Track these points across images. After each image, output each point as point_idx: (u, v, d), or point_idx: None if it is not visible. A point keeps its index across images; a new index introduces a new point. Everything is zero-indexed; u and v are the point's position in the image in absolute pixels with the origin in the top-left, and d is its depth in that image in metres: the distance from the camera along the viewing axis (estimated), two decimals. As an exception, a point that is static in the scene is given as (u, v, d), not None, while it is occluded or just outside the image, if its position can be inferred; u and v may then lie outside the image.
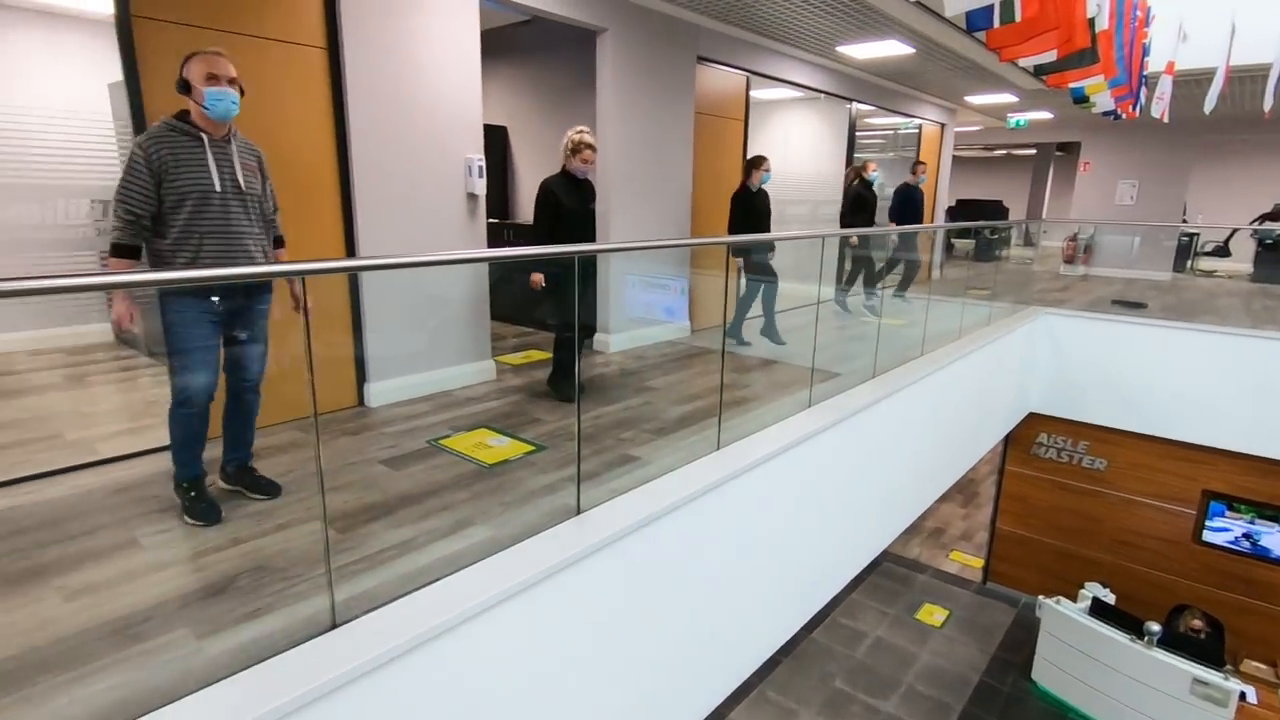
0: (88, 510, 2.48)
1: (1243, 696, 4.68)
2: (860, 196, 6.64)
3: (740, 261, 5.04)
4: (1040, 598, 5.41)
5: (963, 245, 10.92)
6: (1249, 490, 6.74)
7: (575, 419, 3.55)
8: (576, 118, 5.75)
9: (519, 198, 6.79)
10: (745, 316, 5.32)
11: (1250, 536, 6.84)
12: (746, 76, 6.21)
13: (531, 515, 2.50)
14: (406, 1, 3.58)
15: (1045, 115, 10.84)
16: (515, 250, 2.59)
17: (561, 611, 2.18)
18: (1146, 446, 7.07)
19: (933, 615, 6.33)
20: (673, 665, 2.76)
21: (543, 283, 3.71)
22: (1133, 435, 7.01)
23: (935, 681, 5.41)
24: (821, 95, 7.45)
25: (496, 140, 6.60)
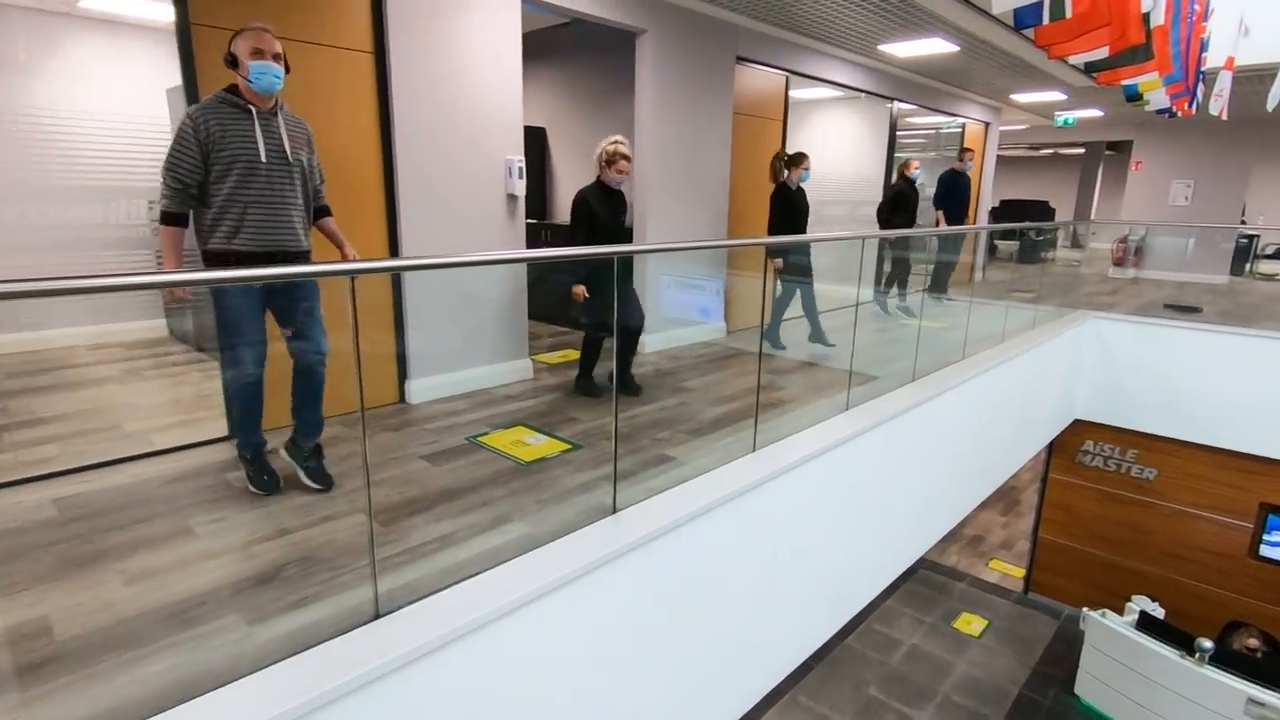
0: (145, 499, 2.59)
1: (1301, 719, 4.48)
2: (901, 193, 6.54)
3: (779, 262, 5.01)
4: (1084, 610, 5.26)
5: (1006, 247, 10.66)
6: (1310, 504, 6.46)
7: (610, 418, 3.58)
8: (614, 119, 5.79)
9: (557, 198, 6.85)
10: (781, 318, 5.28)
11: (1311, 552, 6.55)
12: (786, 76, 6.17)
13: (568, 513, 2.53)
14: (451, 6, 3.65)
15: (1095, 113, 10.52)
16: (554, 251, 2.62)
17: (597, 609, 2.20)
18: (1200, 456, 6.82)
19: (971, 624, 6.20)
20: (705, 667, 2.76)
21: (585, 294, 3.74)
22: (1185, 444, 6.76)
23: (972, 692, 5.30)
24: (862, 94, 7.36)
25: (535, 142, 6.67)
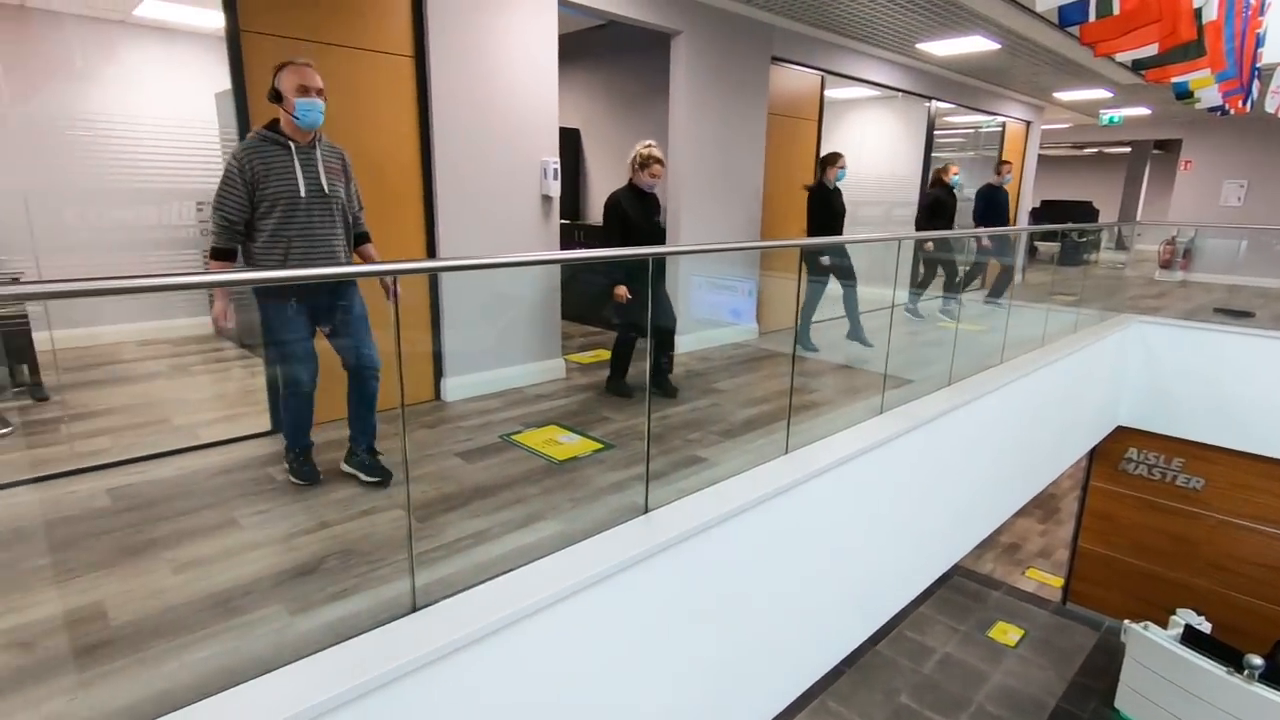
0: (192, 490, 2.68)
1: (1357, 741, 4.30)
2: (939, 200, 6.40)
3: (826, 259, 4.98)
4: (1126, 622, 5.12)
5: (1047, 248, 10.42)
6: (1369, 518, 6.20)
7: (641, 419, 3.59)
8: (648, 121, 5.81)
9: (590, 199, 6.89)
10: (811, 320, 5.24)
11: (1370, 568, 6.28)
12: (821, 76, 6.12)
13: (600, 512, 2.55)
14: (489, 10, 3.70)
15: (1142, 111, 10.23)
16: (589, 252, 2.64)
17: (628, 608, 2.22)
18: (1250, 465, 6.58)
19: (1006, 634, 6.08)
20: (735, 668, 2.76)
21: (628, 296, 3.72)
22: (1234, 453, 6.53)
23: (1008, 703, 5.19)
24: (899, 94, 7.26)
25: (569, 143, 6.72)
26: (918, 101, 7.65)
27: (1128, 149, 14.59)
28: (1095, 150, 17.44)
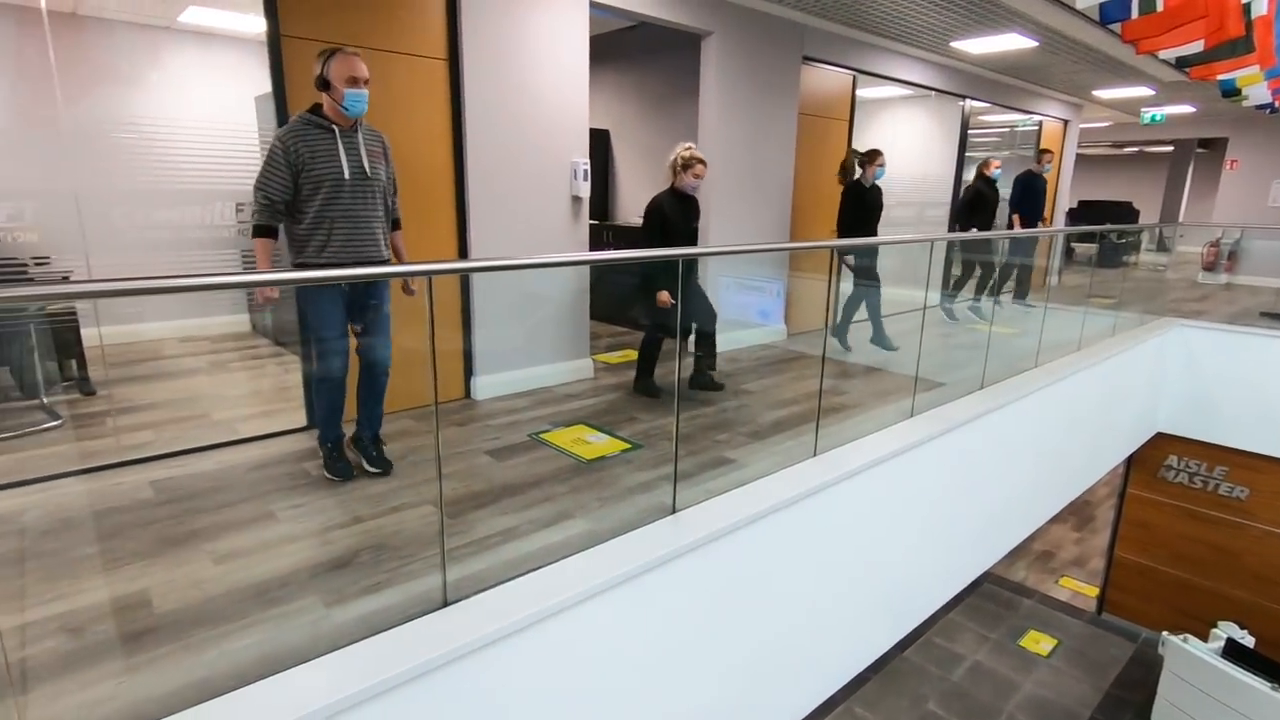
0: (231, 484, 2.75)
1: None
2: (980, 193, 6.29)
3: (850, 259, 4.92)
4: (1164, 634, 4.99)
5: (1084, 250, 10.18)
6: None
7: (669, 419, 3.59)
8: (677, 122, 5.81)
9: (619, 200, 6.91)
10: (852, 319, 5.19)
11: None
12: (853, 75, 6.06)
13: (628, 511, 2.56)
14: (522, 12, 3.73)
15: (1186, 109, 9.94)
16: (618, 253, 2.66)
17: (655, 608, 2.23)
18: (1298, 476, 6.37)
19: (1039, 643, 5.96)
20: (761, 670, 2.75)
21: (671, 302, 3.69)
22: (1281, 462, 6.33)
23: (1040, 713, 5.09)
24: (932, 93, 7.16)
25: (599, 144, 6.75)
26: (951, 100, 7.53)
27: (1170, 148, 14.19)
28: (1136, 149, 16.99)
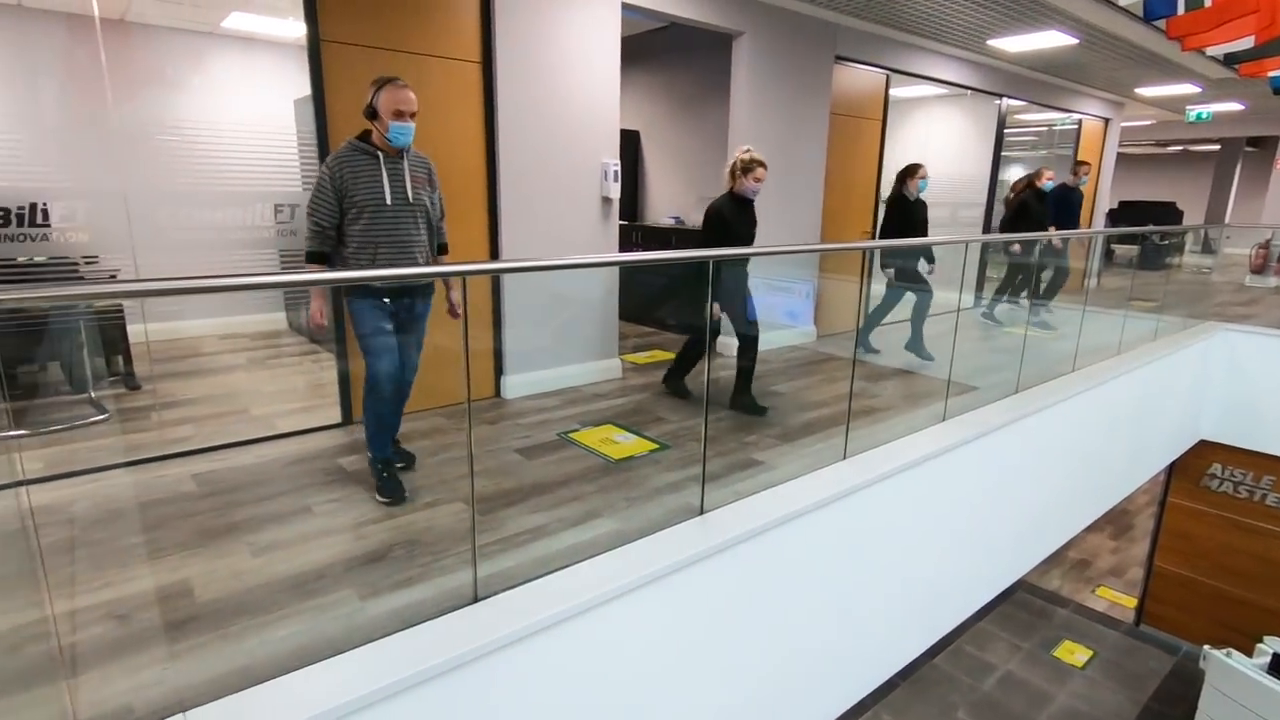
0: (269, 478, 2.82)
1: None
2: (1025, 205, 6.09)
3: (890, 273, 4.87)
4: (1206, 647, 4.84)
5: (1125, 252, 9.92)
6: None
7: (697, 420, 3.59)
8: (708, 123, 5.80)
9: (649, 201, 6.92)
10: (879, 323, 5.13)
11: None
12: (886, 75, 5.99)
13: (656, 512, 2.57)
14: (554, 15, 3.76)
15: (1234, 107, 9.65)
16: (649, 255, 2.66)
17: (683, 608, 2.23)
18: (1350, 487, 6.13)
19: (1073, 654, 5.83)
20: (787, 674, 2.74)
21: (721, 314, 3.68)
22: (1333, 473, 6.10)
23: (1074, 726, 4.98)
24: (968, 92, 7.04)
25: (629, 145, 6.77)
26: (987, 99, 7.40)
27: (1217, 146, 13.77)
28: (1180, 148, 16.52)
